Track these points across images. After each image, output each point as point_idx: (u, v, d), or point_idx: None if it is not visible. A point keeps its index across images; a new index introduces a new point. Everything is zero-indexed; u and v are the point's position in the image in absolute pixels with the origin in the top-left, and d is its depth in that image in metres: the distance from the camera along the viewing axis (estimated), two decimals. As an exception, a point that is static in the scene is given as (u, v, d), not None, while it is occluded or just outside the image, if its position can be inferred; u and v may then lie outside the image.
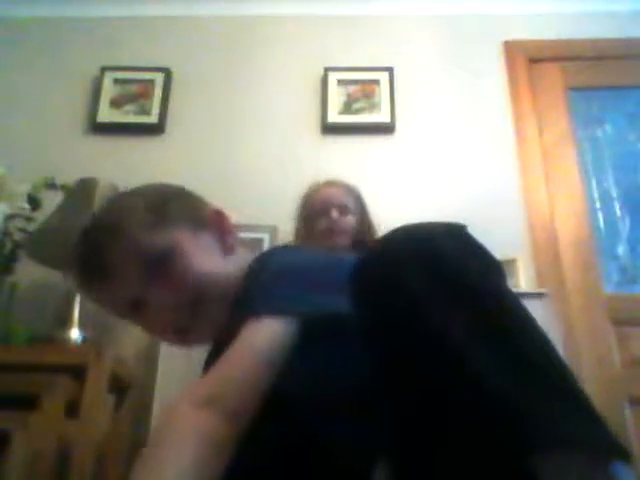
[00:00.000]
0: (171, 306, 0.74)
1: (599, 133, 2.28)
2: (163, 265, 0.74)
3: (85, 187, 1.77)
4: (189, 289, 0.74)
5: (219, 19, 2.46)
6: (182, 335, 0.78)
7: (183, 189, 0.85)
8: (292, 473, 0.64)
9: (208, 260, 0.78)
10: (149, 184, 0.85)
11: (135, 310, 0.76)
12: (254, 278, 0.73)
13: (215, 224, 0.83)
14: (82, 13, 2.47)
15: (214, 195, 0.90)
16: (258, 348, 0.63)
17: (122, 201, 0.81)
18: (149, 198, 0.80)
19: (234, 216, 0.87)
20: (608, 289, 2.02)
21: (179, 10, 2.47)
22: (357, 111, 2.25)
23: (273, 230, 1.98)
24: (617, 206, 2.16)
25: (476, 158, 2.18)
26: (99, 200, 1.74)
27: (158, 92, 2.28)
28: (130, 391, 1.70)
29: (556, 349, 0.52)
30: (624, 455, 0.45)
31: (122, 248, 0.74)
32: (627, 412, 1.80)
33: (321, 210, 1.64)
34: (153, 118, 2.24)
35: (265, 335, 0.64)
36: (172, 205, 0.80)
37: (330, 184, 1.72)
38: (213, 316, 0.76)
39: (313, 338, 0.65)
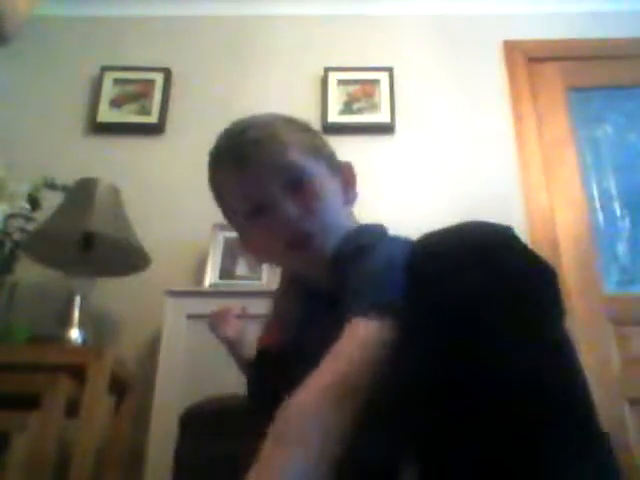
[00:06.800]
0: (293, 223, 0.78)
1: (599, 133, 2.28)
2: (303, 185, 0.79)
3: (85, 187, 1.77)
4: (316, 217, 0.79)
5: (219, 19, 2.46)
6: (296, 248, 0.79)
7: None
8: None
9: (337, 205, 0.84)
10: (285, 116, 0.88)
11: (255, 211, 0.80)
12: (362, 263, 0.74)
13: (345, 175, 0.89)
14: (82, 13, 2.47)
15: (214, 195, 0.91)
16: (371, 348, 0.63)
17: (279, 120, 0.86)
18: (302, 126, 0.87)
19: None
20: (608, 289, 2.02)
21: (179, 10, 2.47)
22: (357, 111, 2.25)
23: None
24: (617, 206, 2.17)
25: (476, 158, 2.18)
26: (99, 200, 1.74)
27: (158, 92, 2.28)
28: (130, 391, 1.71)
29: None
30: None
31: (278, 151, 0.80)
32: (627, 412, 1.80)
33: None
34: (153, 118, 2.24)
35: (375, 335, 0.64)
36: (319, 141, 0.87)
37: None
38: (316, 254, 0.79)
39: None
